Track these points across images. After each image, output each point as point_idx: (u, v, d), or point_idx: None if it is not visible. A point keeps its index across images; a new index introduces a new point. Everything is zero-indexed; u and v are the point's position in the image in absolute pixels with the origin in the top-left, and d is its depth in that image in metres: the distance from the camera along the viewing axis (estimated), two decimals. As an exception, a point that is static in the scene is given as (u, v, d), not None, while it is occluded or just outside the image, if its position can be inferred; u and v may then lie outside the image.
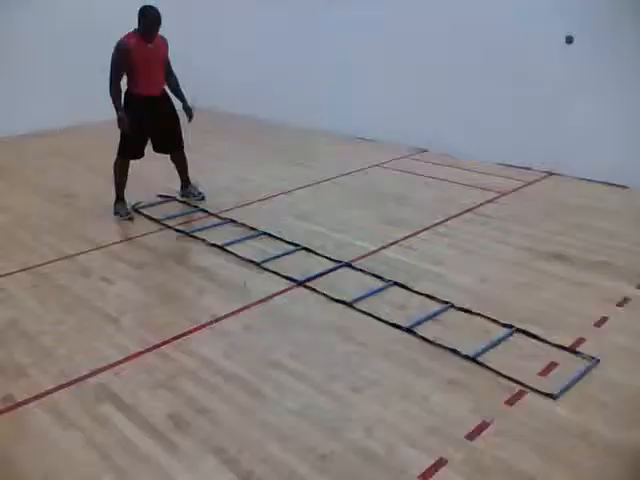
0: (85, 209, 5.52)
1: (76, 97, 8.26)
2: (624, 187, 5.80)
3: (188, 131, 5.58)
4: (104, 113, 8.44)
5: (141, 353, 3.34)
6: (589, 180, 6.03)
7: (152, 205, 5.54)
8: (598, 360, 3.19)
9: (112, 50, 4.93)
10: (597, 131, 5.84)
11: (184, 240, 4.81)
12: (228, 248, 4.61)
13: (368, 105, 7.61)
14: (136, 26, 4.92)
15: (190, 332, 3.54)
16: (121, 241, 4.82)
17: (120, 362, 3.26)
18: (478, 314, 3.64)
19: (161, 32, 5.01)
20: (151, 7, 4.91)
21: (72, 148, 7.66)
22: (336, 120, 7.99)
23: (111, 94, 4.96)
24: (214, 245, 4.67)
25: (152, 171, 6.18)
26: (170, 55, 5.22)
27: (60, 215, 5.39)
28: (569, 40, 5.83)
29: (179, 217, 5.28)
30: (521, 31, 6.13)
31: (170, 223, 5.12)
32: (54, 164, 7.01)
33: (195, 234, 4.88)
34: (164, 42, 5.14)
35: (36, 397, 2.99)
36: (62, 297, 3.98)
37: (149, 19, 4.88)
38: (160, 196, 5.75)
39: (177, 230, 4.97)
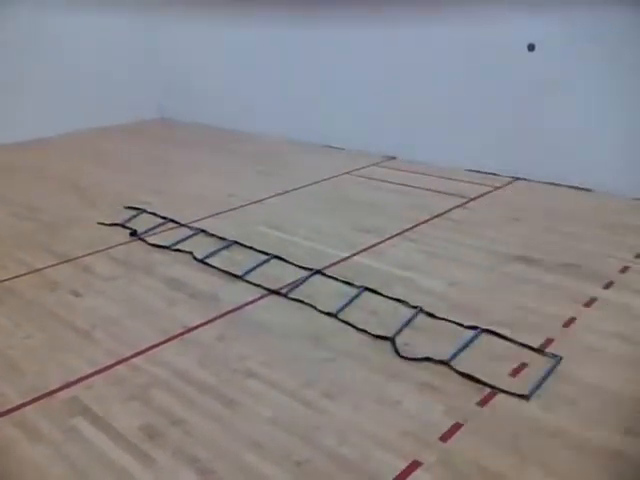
0: (51, 222, 5.45)
1: (37, 111, 8.23)
2: (588, 190, 5.92)
3: (156, 142, 5.55)
4: (66, 126, 8.48)
5: (112, 365, 3.31)
6: (555, 184, 6.14)
7: (121, 217, 5.49)
8: (567, 360, 3.25)
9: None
10: (561, 136, 5.96)
11: (154, 251, 4.79)
12: (199, 258, 4.59)
13: (336, 113, 7.67)
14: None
15: (162, 343, 3.52)
16: (89, 254, 4.77)
17: (91, 375, 3.23)
18: (444, 319, 3.68)
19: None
20: None
21: (35, 161, 7.55)
22: (304, 129, 8.03)
23: None
24: (185, 254, 4.65)
25: (117, 183, 6.14)
26: (139, 65, 5.14)
27: (26, 228, 5.31)
28: (531, 48, 5.94)
29: (149, 228, 5.24)
30: (489, 37, 6.22)
31: (139, 234, 5.08)
32: (17, 177, 6.90)
33: (166, 245, 4.86)
34: None
35: (6, 412, 2.94)
36: (31, 311, 3.92)
37: None
38: (128, 208, 5.70)
39: (153, 245, 4.94)
